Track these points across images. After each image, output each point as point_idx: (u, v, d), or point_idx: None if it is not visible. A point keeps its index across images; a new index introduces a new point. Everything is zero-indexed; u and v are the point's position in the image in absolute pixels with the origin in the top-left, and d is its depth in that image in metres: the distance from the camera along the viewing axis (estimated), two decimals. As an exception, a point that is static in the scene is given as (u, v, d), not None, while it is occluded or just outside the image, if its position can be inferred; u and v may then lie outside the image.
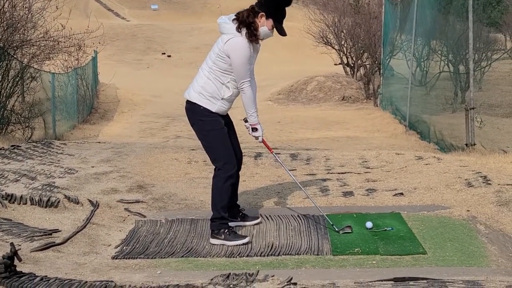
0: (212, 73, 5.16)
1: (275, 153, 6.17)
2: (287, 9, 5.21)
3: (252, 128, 5.35)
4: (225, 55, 5.06)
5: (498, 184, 6.39)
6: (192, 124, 5.37)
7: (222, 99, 5.19)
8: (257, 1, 5.17)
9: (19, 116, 13.65)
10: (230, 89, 5.17)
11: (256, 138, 5.41)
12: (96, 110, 23.40)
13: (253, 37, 5.07)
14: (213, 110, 5.19)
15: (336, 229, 5.41)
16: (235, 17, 5.10)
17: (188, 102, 5.30)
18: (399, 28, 19.63)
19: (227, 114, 5.44)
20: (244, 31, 5.04)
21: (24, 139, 12.56)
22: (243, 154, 5.75)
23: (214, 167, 5.37)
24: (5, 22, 12.87)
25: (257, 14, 5.08)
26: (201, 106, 5.19)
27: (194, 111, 5.27)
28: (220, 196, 5.27)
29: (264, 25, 5.09)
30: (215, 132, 5.25)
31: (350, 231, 5.37)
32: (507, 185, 6.34)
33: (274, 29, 5.15)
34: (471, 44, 10.94)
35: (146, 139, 16.58)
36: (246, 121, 5.37)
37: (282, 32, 5.16)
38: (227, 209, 5.35)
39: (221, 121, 5.27)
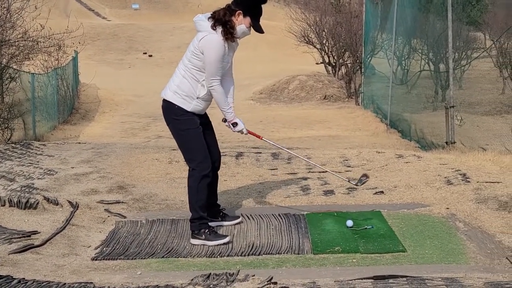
0: (188, 71, 5.15)
1: (255, 153, 6.16)
2: (267, 7, 5.24)
3: (232, 124, 5.34)
4: (200, 52, 5.05)
5: (477, 182, 6.44)
6: (167, 123, 5.37)
7: (197, 98, 5.18)
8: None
9: (-2, 117, 13.51)
10: (205, 88, 5.16)
11: (241, 132, 5.41)
12: (77, 110, 23.24)
13: (229, 35, 5.07)
14: (188, 110, 5.18)
15: (354, 183, 5.75)
16: (211, 15, 5.11)
17: (164, 101, 5.30)
18: (380, 27, 19.72)
19: (205, 114, 5.43)
20: (219, 29, 5.05)
21: (3, 140, 12.43)
22: (224, 154, 5.75)
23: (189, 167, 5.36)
24: (-17, 22, 12.74)
25: (234, 13, 5.08)
26: (176, 105, 5.19)
27: (169, 110, 5.26)
28: (196, 196, 5.25)
29: (241, 23, 5.10)
30: (190, 131, 5.23)
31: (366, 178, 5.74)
32: (486, 182, 6.40)
33: (251, 27, 5.16)
34: (451, 43, 11.02)
35: (127, 139, 16.51)
36: (224, 120, 5.37)
37: (260, 30, 5.18)
38: (206, 209, 5.33)
39: (196, 121, 5.25)
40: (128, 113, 23.21)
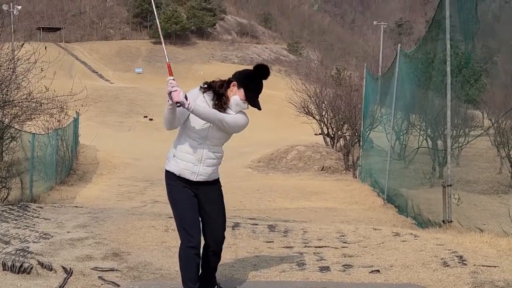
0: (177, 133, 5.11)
1: (251, 224, 6.15)
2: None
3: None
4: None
5: (474, 265, 6.41)
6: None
7: (173, 156, 5.04)
8: (234, 72, 5.13)
9: (-4, 176, 13.53)
10: (182, 145, 4.99)
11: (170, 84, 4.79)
12: (75, 171, 23.29)
13: (221, 105, 4.95)
14: (167, 169, 5.04)
15: None
16: (208, 82, 5.04)
17: None
18: (380, 102, 19.97)
19: (205, 185, 5.12)
20: (207, 93, 4.97)
21: (0, 199, 12.42)
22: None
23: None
24: (-12, 83, 12.91)
25: (230, 84, 5.00)
26: (165, 169, 5.12)
27: (165, 176, 5.19)
28: (185, 269, 5.10)
29: (236, 94, 4.99)
30: (179, 202, 5.06)
31: None
32: (483, 266, 6.36)
33: (247, 101, 5.02)
34: (449, 122, 11.12)
35: (123, 202, 16.48)
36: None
37: (256, 105, 5.01)
38: (197, 282, 5.17)
39: (186, 191, 5.04)
40: (125, 176, 23.24)
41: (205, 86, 5.03)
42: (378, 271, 6.47)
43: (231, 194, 5.43)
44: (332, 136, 29.54)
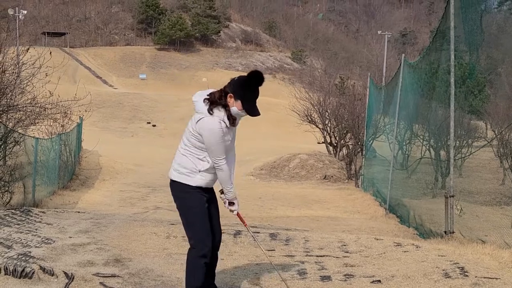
0: (188, 150, 5.16)
1: (253, 232, 6.15)
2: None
3: (228, 202, 5.35)
4: (197, 133, 5.04)
5: (476, 277, 6.40)
6: (174, 200, 5.35)
7: (200, 171, 5.16)
8: (230, 80, 5.17)
9: (-1, 180, 13.53)
10: (207, 163, 5.15)
11: (232, 211, 5.39)
12: (77, 176, 23.31)
13: (231, 120, 5.08)
14: (194, 185, 5.17)
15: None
16: (207, 97, 5.09)
17: (170, 180, 5.32)
18: (383, 111, 19.97)
19: (212, 189, 5.39)
20: (217, 111, 5.03)
21: (2, 203, 12.43)
22: (223, 231, 5.71)
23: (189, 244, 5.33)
24: (-7, 87, 12.94)
25: (227, 95, 5.06)
26: (181, 183, 5.19)
27: (175, 188, 5.26)
28: (194, 276, 5.18)
29: (233, 105, 5.06)
30: (195, 210, 5.20)
31: None
32: (484, 278, 6.35)
33: (245, 110, 5.08)
34: (452, 132, 11.11)
35: (125, 208, 16.48)
36: (222, 192, 5.37)
37: (254, 113, 5.08)
38: None
39: (202, 198, 5.22)
40: (127, 182, 23.25)
41: (209, 103, 5.06)
42: (379, 281, 6.46)
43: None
44: (335, 145, 29.54)
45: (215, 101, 5.04)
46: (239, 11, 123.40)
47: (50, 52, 15.24)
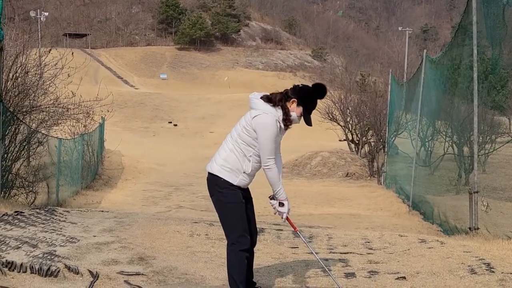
0: (237, 145, 5.19)
1: (276, 230, 6.15)
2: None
3: (279, 203, 5.33)
4: (252, 129, 5.10)
5: (502, 273, 6.33)
6: (211, 195, 5.37)
7: (243, 173, 5.20)
8: (292, 86, 5.29)
9: (24, 180, 13.65)
10: (251, 163, 5.19)
11: (281, 214, 5.36)
12: (100, 176, 23.47)
13: (288, 122, 5.18)
14: (234, 183, 5.20)
15: None
16: (267, 96, 5.21)
17: (209, 173, 5.32)
18: (405, 108, 19.84)
19: (248, 188, 5.43)
20: (278, 111, 5.14)
21: (27, 203, 12.55)
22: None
23: (225, 242, 5.35)
24: (16, 88, 13.04)
25: (289, 99, 5.18)
26: (222, 178, 5.21)
27: (215, 183, 5.27)
28: (238, 272, 5.22)
29: (294, 110, 5.18)
30: (233, 205, 5.23)
31: None
32: (511, 273, 6.28)
33: (302, 117, 5.22)
34: (476, 128, 10.99)
35: (148, 207, 16.57)
36: (271, 198, 5.36)
37: (309, 122, 5.24)
38: (246, 285, 5.31)
39: (240, 195, 5.26)
40: (150, 181, 23.36)
41: (269, 102, 5.19)
42: (404, 278, 6.42)
43: (255, 200, 5.40)
44: (357, 142, 29.43)
45: (275, 101, 5.17)
46: (258, 9, 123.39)
47: (72, 53, 15.39)
